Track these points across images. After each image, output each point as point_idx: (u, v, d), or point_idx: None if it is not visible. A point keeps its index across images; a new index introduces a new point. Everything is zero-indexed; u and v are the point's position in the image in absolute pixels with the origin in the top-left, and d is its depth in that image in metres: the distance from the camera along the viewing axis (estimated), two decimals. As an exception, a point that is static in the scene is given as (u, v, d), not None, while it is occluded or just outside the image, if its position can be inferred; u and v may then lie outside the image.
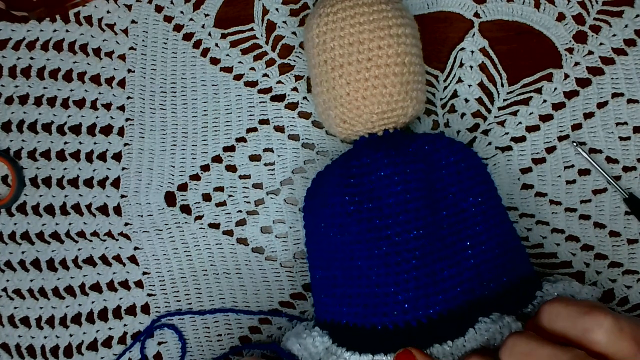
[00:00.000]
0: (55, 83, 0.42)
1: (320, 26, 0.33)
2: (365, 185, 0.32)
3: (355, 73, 0.32)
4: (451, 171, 0.33)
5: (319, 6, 0.34)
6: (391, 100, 0.33)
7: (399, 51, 0.33)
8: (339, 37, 0.33)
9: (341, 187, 0.33)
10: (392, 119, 0.34)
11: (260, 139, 0.40)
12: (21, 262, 0.41)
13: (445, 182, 0.33)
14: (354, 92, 0.33)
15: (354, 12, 0.33)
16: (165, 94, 0.41)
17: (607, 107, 0.38)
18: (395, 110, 0.33)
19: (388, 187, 0.32)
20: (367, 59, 0.32)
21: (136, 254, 0.40)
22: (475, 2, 0.40)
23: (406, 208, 0.31)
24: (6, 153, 0.41)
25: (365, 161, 0.33)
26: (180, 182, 0.40)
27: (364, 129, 0.34)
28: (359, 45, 0.32)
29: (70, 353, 0.40)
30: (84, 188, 0.41)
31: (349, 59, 0.33)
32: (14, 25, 0.42)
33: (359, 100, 0.33)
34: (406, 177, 0.32)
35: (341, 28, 0.33)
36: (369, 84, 0.32)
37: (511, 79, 0.39)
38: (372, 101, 0.33)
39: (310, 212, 0.35)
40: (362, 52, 0.32)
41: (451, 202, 0.33)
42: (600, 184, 0.38)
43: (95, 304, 0.40)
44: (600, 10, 0.39)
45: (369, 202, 0.32)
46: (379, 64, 0.32)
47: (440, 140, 0.34)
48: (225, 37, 0.41)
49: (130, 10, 0.42)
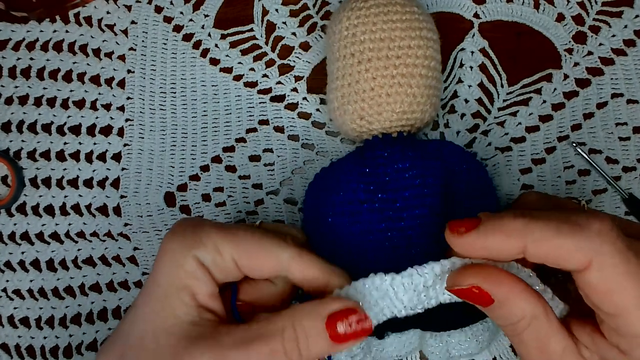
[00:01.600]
0: (55, 83, 0.42)
1: (352, 19, 0.33)
2: (380, 176, 0.32)
3: (383, 69, 0.32)
4: (461, 179, 0.33)
5: (350, 0, 0.34)
6: (414, 101, 0.33)
7: (427, 54, 0.33)
8: (371, 32, 0.33)
9: (355, 175, 0.33)
10: (410, 121, 0.34)
11: (260, 139, 0.40)
12: (21, 263, 0.41)
13: (454, 188, 0.33)
14: (379, 88, 0.33)
15: (387, 9, 0.33)
16: (165, 94, 0.41)
17: (606, 108, 0.38)
18: (415, 112, 0.33)
19: (405, 180, 0.32)
20: (396, 56, 0.32)
21: (136, 255, 0.40)
22: (474, 3, 0.40)
23: (423, 202, 0.31)
24: (6, 153, 0.41)
25: (381, 154, 0.33)
26: (180, 183, 0.41)
27: (381, 127, 0.34)
28: (390, 42, 0.32)
29: (70, 353, 0.40)
30: (84, 188, 0.41)
31: (379, 54, 0.33)
32: (13, 26, 0.42)
33: (383, 96, 0.33)
34: (424, 172, 0.32)
35: (373, 23, 0.33)
36: (395, 81, 0.33)
37: (511, 79, 0.39)
38: (396, 99, 0.33)
39: (315, 203, 0.35)
40: (393, 48, 0.32)
41: (456, 208, 0.33)
42: (600, 184, 0.38)
43: (95, 305, 0.40)
44: (599, 10, 0.39)
45: (384, 192, 0.32)
46: (408, 63, 0.32)
47: (454, 147, 0.34)
48: (225, 37, 0.41)
49: (130, 10, 0.42)
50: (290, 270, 0.28)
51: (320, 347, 0.26)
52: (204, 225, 0.28)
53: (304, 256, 0.29)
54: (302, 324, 0.26)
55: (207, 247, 0.27)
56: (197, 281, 0.27)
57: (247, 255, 0.28)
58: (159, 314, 0.27)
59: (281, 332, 0.26)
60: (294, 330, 0.26)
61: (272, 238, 0.29)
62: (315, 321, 0.26)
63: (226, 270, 0.28)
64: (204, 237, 0.28)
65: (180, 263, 0.27)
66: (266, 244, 0.28)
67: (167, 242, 0.28)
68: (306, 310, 0.26)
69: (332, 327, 0.26)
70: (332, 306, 0.26)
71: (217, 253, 0.28)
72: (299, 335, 0.26)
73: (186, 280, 0.27)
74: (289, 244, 0.29)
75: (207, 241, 0.27)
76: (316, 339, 0.26)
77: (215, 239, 0.28)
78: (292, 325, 0.26)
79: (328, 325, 0.26)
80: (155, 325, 0.27)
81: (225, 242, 0.28)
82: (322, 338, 0.26)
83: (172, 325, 0.27)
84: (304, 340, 0.26)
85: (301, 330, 0.26)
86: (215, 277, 0.28)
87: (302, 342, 0.26)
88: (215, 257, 0.28)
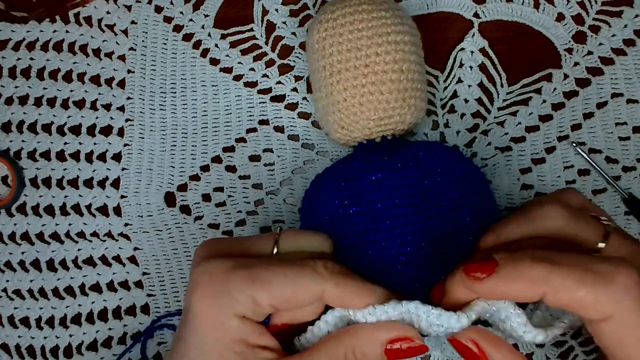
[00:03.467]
0: (55, 84, 0.42)
1: (320, 32, 0.34)
2: (355, 189, 0.33)
3: (352, 79, 0.33)
4: (445, 179, 0.33)
5: (320, 12, 0.35)
6: (388, 107, 0.33)
7: (397, 58, 0.33)
8: (338, 43, 0.33)
9: (333, 190, 0.33)
10: (390, 126, 0.34)
11: (260, 139, 0.40)
12: (21, 263, 0.41)
13: (440, 190, 0.33)
14: (351, 98, 0.33)
15: (353, 18, 0.33)
16: (165, 94, 0.41)
17: (606, 107, 0.38)
18: (392, 117, 0.33)
19: (377, 192, 0.32)
20: (364, 65, 0.32)
21: (136, 255, 0.40)
22: (474, 3, 0.40)
23: (394, 213, 0.31)
24: (6, 153, 0.41)
25: (357, 165, 0.33)
26: (180, 183, 0.41)
27: (362, 135, 0.34)
28: (357, 52, 0.32)
29: (70, 353, 0.40)
30: (84, 188, 0.41)
31: (347, 65, 0.33)
32: (13, 26, 0.42)
33: (356, 106, 0.33)
34: (396, 183, 0.32)
35: (340, 34, 0.33)
36: (366, 90, 0.33)
37: (511, 79, 0.39)
38: (369, 107, 0.33)
39: (307, 213, 0.35)
40: (360, 58, 0.32)
41: (444, 211, 0.32)
42: (599, 184, 0.38)
43: (95, 305, 0.40)
44: (599, 10, 0.39)
45: (359, 205, 0.32)
46: (376, 70, 0.32)
47: (436, 148, 0.34)
48: (225, 37, 0.41)
49: (130, 10, 0.42)
50: (327, 300, 0.28)
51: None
52: (232, 280, 0.28)
53: (339, 285, 0.28)
54: (363, 350, 0.27)
55: (244, 304, 0.27)
56: (245, 333, 0.28)
57: (284, 299, 0.28)
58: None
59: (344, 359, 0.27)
60: (354, 357, 0.27)
61: (303, 273, 0.28)
62: (375, 347, 0.27)
63: (266, 313, 0.28)
64: (237, 294, 0.27)
65: (224, 323, 0.27)
66: (300, 282, 0.28)
67: (200, 305, 0.28)
68: (366, 336, 0.27)
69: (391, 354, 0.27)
70: (391, 333, 0.27)
71: (255, 305, 0.28)
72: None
73: (235, 336, 0.28)
74: (320, 273, 0.28)
75: (242, 298, 0.27)
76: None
77: (248, 292, 0.27)
78: (353, 352, 0.27)
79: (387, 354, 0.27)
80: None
81: (260, 292, 0.27)
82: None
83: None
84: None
85: (362, 356, 0.27)
86: (257, 321, 0.28)
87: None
88: (255, 308, 0.28)
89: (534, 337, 0.27)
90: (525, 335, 0.27)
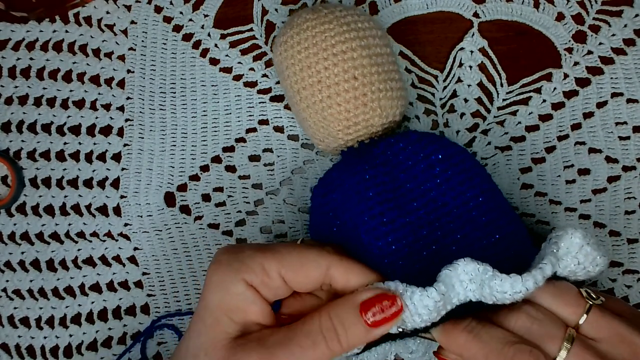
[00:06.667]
0: (54, 83, 0.42)
1: (277, 55, 0.34)
2: (334, 202, 0.34)
3: (310, 96, 0.33)
4: (423, 167, 0.33)
5: (277, 35, 0.35)
6: (349, 116, 0.33)
7: (345, 67, 0.32)
8: (292, 65, 0.33)
9: (319, 206, 0.35)
10: (360, 132, 0.34)
11: (260, 139, 0.40)
12: (21, 263, 0.41)
13: (419, 179, 0.32)
14: (314, 115, 0.34)
15: (299, 38, 0.33)
16: (164, 94, 0.41)
17: (606, 107, 0.38)
18: (358, 124, 0.33)
19: (350, 199, 0.32)
20: (317, 82, 0.33)
21: (136, 255, 0.40)
22: (474, 2, 0.40)
23: (370, 215, 0.31)
24: (6, 153, 0.41)
25: (334, 175, 0.34)
26: (180, 183, 0.41)
27: (338, 145, 0.34)
28: (308, 70, 0.33)
29: (70, 353, 0.40)
30: (84, 188, 0.41)
31: (303, 84, 0.33)
32: (13, 26, 0.42)
33: (321, 121, 0.34)
34: (365, 185, 0.32)
35: (291, 56, 0.33)
36: (324, 105, 0.33)
37: (510, 78, 0.39)
38: (331, 120, 0.33)
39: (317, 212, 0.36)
40: (312, 75, 0.33)
41: (429, 199, 0.32)
42: (599, 184, 0.38)
43: (95, 305, 0.40)
44: (599, 10, 0.39)
45: (336, 219, 0.33)
46: (328, 84, 0.33)
47: (406, 138, 0.33)
48: (224, 37, 0.41)
49: (130, 10, 0.42)
50: (333, 277, 0.29)
51: (358, 334, 0.28)
52: (246, 249, 0.29)
53: (344, 262, 0.30)
54: (338, 314, 0.28)
55: (254, 270, 0.28)
56: (247, 301, 0.28)
57: (293, 269, 0.29)
58: (209, 333, 0.28)
59: (319, 324, 0.28)
60: (331, 322, 0.28)
61: (312, 249, 0.30)
62: (349, 310, 0.28)
63: (275, 288, 0.29)
64: (249, 260, 0.28)
65: (229, 288, 0.28)
66: (308, 255, 0.29)
67: (213, 274, 0.29)
68: (341, 301, 0.28)
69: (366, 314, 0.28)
70: (364, 294, 0.28)
71: (264, 274, 0.28)
72: (336, 325, 0.28)
73: (237, 303, 0.28)
74: (329, 251, 0.30)
75: (253, 264, 0.28)
76: (353, 326, 0.28)
77: (260, 260, 0.28)
78: (329, 317, 0.28)
79: (362, 312, 0.27)
80: (206, 343, 0.28)
81: (270, 261, 0.28)
82: (358, 325, 0.28)
83: (221, 340, 0.28)
84: (342, 329, 0.27)
85: (338, 320, 0.28)
86: (265, 296, 0.29)
87: (340, 331, 0.27)
88: (263, 277, 0.28)
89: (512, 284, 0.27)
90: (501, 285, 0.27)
